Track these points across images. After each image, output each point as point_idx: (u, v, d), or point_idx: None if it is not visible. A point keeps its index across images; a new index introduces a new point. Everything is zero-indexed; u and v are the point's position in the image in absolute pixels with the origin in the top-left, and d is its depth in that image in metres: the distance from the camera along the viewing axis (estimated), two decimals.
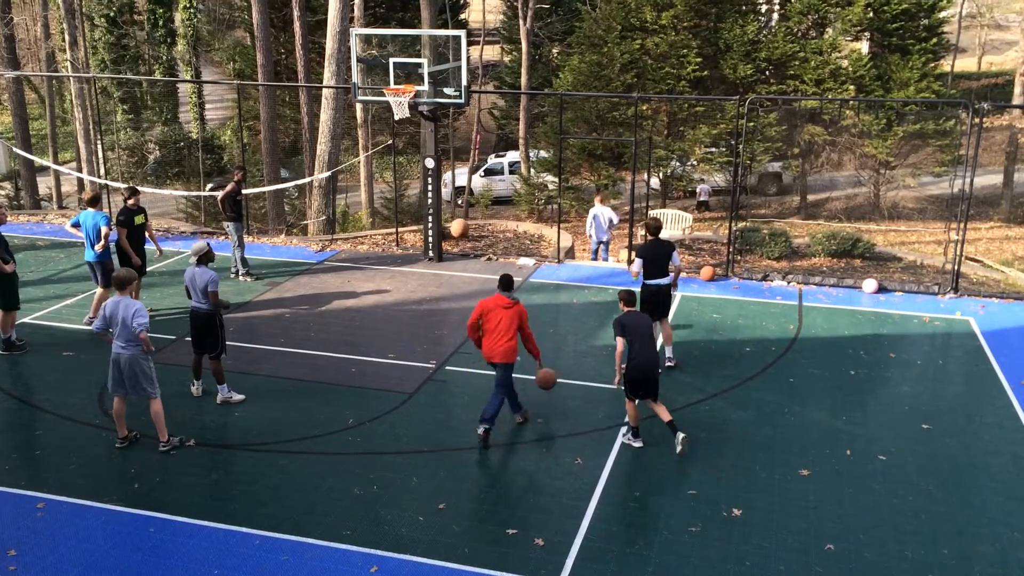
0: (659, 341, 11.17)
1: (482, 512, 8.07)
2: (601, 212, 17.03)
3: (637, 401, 9.23)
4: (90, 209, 12.33)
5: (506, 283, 9.48)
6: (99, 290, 12.38)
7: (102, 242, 12.09)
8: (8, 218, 11.81)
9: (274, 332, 12.38)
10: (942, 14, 25.73)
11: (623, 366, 9.16)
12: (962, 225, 14.24)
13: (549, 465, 8.92)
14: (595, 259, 17.11)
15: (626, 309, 9.37)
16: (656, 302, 11.05)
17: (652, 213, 20.49)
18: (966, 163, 14.09)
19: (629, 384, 9.15)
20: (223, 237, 15.91)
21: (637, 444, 9.29)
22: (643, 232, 11.59)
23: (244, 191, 18.96)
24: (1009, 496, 8.43)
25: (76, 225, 12.48)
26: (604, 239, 17.21)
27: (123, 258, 12.64)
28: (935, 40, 25.05)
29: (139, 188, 13.48)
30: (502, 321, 9.30)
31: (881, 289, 14.49)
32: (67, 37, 28.84)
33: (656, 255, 10.99)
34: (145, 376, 8.91)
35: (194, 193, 24.35)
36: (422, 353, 11.67)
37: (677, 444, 9.04)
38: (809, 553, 7.54)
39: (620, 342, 9.06)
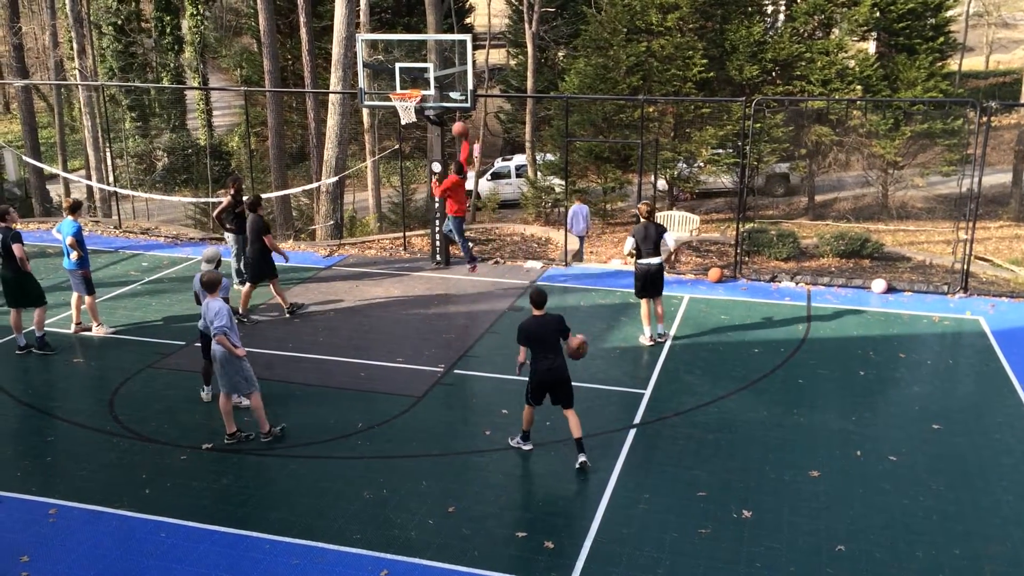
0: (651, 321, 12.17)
1: (492, 515, 8.08)
2: (580, 209, 18.36)
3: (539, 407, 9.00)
4: (68, 217, 12.22)
5: (458, 168, 14.24)
6: (87, 298, 12.39)
7: (76, 251, 11.99)
8: (17, 224, 11.85)
9: (283, 337, 12.42)
10: (949, 13, 25.62)
11: (528, 373, 8.94)
12: (971, 224, 14.19)
13: (558, 468, 8.92)
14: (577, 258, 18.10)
15: (534, 312, 8.90)
16: (646, 280, 11.92)
17: (664, 214, 20.51)
18: (974, 162, 14.04)
19: (532, 390, 8.90)
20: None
21: (527, 447, 9.18)
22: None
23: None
24: (1020, 495, 8.39)
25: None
26: (581, 234, 18.53)
27: (270, 263, 12.99)
28: (942, 39, 24.93)
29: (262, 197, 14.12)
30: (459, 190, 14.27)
31: (890, 289, 14.45)
32: (75, 45, 29.01)
33: (646, 235, 11.80)
34: (235, 372, 9.15)
35: (202, 200, 24.42)
36: (430, 357, 11.69)
37: (577, 462, 8.82)
38: (820, 554, 7.52)
39: (522, 351, 8.90)
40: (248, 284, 13.20)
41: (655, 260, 11.89)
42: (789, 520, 8.00)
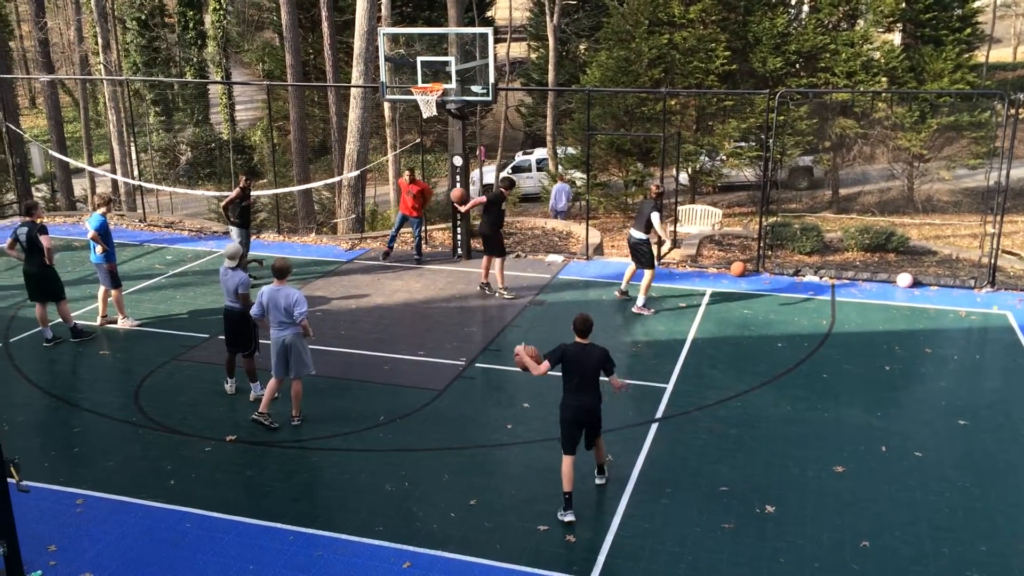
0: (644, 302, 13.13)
1: (513, 508, 8.08)
2: (562, 188, 21.10)
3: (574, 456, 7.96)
4: (97, 211, 12.37)
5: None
6: (113, 291, 12.52)
7: (100, 245, 12.12)
8: (43, 217, 12.00)
9: None
10: (976, 4, 25.28)
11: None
12: (998, 218, 14.01)
13: (579, 461, 8.88)
14: None
15: (577, 340, 7.94)
16: (635, 251, 13.27)
17: (686, 208, 20.43)
18: (1002, 155, 13.86)
19: (564, 431, 7.97)
20: (253, 236, 16.01)
21: (569, 519, 7.80)
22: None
23: (276, 190, 19.04)
24: None
25: None
26: (562, 209, 21.19)
27: (498, 242, 13.81)
28: (969, 30, 24.62)
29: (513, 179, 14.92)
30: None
31: (916, 283, 14.30)
32: (100, 40, 29.23)
33: (640, 211, 13.20)
34: (306, 354, 9.50)
35: (225, 194, 24.56)
36: (452, 350, 11.71)
37: (598, 479, 8.46)
38: (844, 550, 7.46)
39: (545, 366, 7.81)
40: (498, 259, 13.89)
41: (640, 235, 13.10)
42: (813, 516, 7.94)
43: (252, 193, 14.80)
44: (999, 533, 7.68)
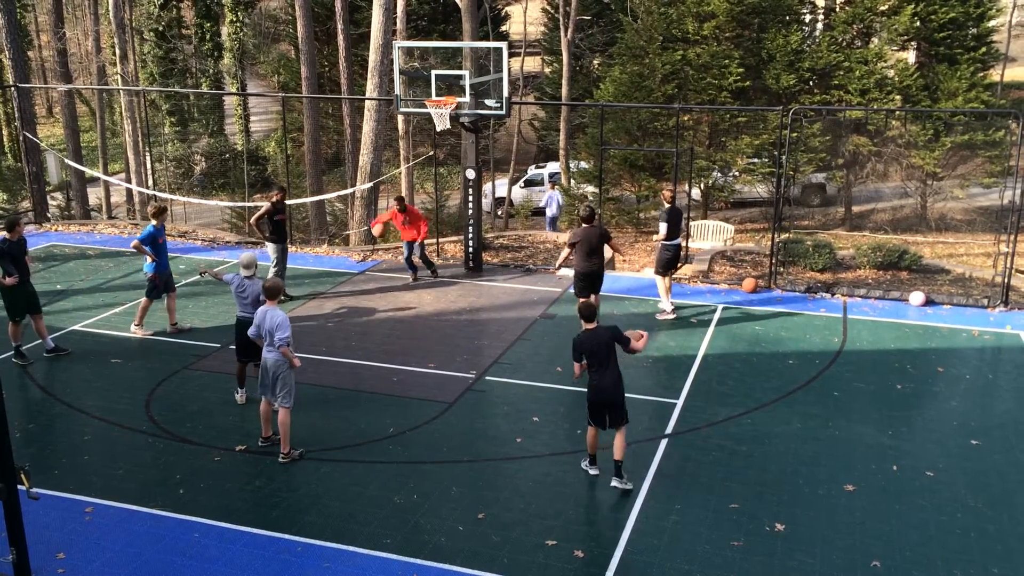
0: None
1: (521, 523, 8.06)
2: (554, 194, 23.13)
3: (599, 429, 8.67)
4: (151, 222, 12.59)
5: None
6: (144, 299, 12.70)
7: (148, 256, 12.33)
8: (26, 229, 12.07)
9: (316, 341, 12.51)
10: (991, 23, 25.26)
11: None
12: (1012, 237, 13.94)
13: (590, 476, 8.88)
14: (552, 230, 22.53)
15: (585, 326, 8.55)
16: (676, 258, 13.66)
17: (698, 223, 20.43)
18: (1016, 174, 13.81)
19: (588, 410, 8.65)
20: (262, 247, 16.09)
21: (594, 472, 8.78)
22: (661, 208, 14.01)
23: (289, 201, 19.09)
24: None
25: None
26: (555, 215, 23.07)
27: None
28: (984, 49, 24.59)
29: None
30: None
31: (928, 302, 14.23)
32: (117, 51, 29.54)
33: (677, 219, 13.49)
34: (284, 383, 9.03)
35: (239, 204, 24.68)
36: (462, 363, 11.71)
37: (614, 481, 8.53)
38: (854, 570, 7.41)
39: (577, 367, 8.55)
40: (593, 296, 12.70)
41: (679, 241, 13.71)
42: (823, 534, 7.89)
43: (287, 202, 14.84)
44: (1012, 555, 7.61)
